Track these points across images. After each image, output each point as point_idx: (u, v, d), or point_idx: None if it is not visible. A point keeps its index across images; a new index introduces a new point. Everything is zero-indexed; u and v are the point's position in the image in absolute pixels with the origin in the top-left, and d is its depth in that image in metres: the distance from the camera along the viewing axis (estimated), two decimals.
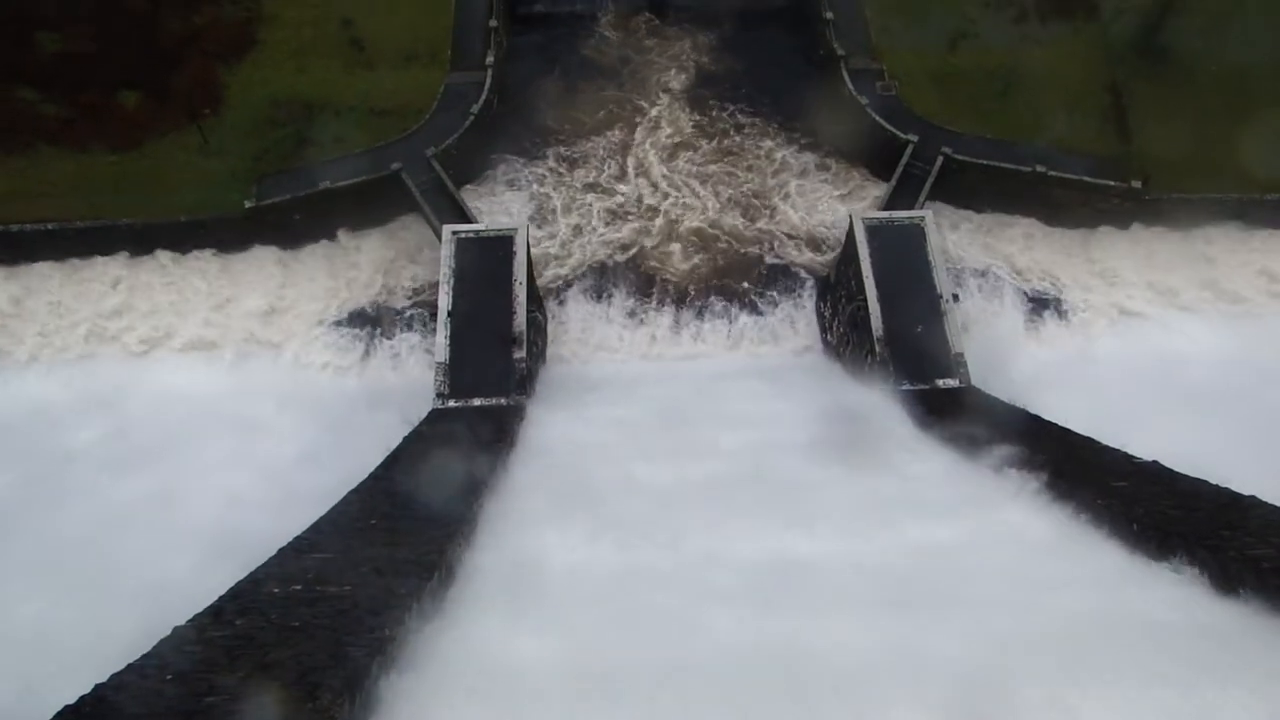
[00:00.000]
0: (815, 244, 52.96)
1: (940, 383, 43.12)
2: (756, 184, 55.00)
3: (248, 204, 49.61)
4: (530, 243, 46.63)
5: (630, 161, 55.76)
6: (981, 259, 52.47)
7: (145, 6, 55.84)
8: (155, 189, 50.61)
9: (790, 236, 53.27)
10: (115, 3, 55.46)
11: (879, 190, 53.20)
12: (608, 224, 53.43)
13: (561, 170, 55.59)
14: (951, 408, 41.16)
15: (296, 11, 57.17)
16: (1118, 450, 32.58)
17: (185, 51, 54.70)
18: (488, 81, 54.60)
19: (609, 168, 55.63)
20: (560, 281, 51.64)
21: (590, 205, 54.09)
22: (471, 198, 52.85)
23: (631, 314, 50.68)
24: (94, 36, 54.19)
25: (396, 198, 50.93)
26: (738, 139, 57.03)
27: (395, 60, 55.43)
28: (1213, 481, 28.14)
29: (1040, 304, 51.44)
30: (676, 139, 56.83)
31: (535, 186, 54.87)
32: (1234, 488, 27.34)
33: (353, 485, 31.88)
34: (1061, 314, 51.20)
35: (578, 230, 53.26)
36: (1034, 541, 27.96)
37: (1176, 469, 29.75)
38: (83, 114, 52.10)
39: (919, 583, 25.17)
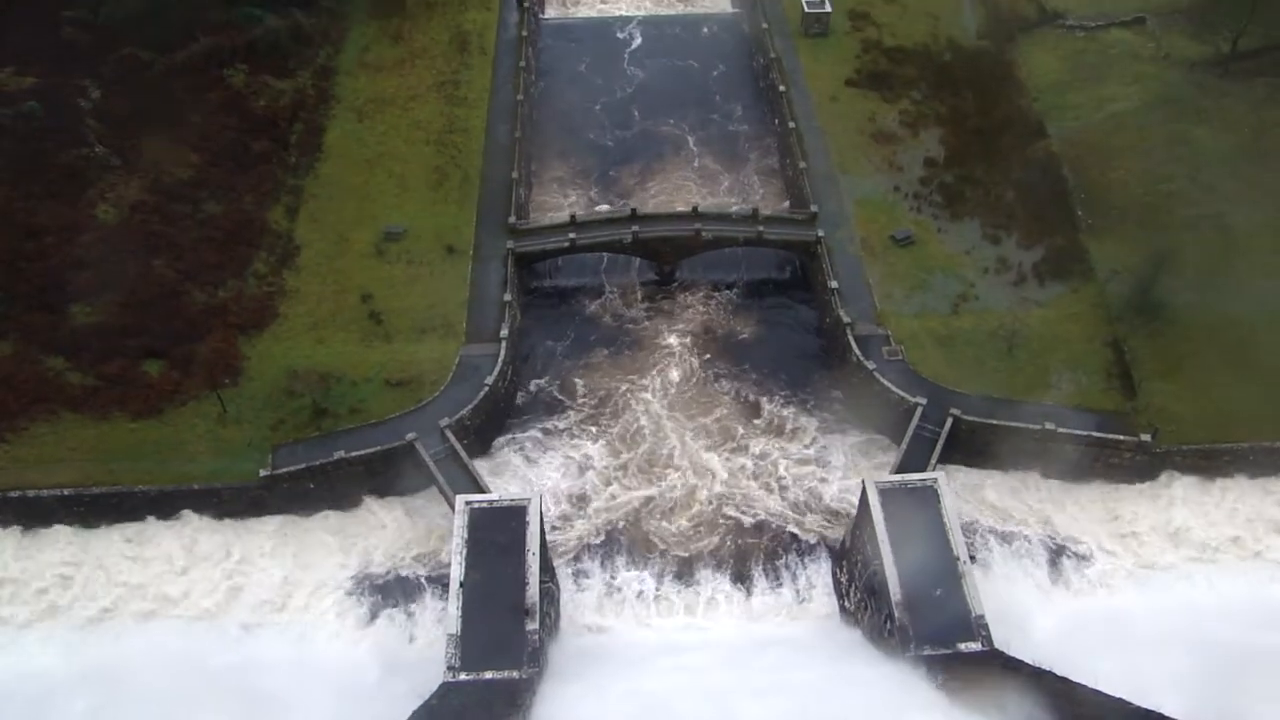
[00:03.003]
0: (829, 509, 52.86)
1: (962, 647, 42.05)
2: (766, 450, 55.48)
3: (263, 473, 50.06)
4: (543, 512, 46.71)
5: (641, 429, 56.50)
6: (997, 517, 52.21)
7: (174, 279, 58.25)
8: (173, 456, 51.28)
9: (803, 502, 53.22)
10: (146, 276, 58.02)
11: (890, 453, 53.45)
12: (620, 493, 53.59)
13: (574, 438, 56.27)
14: (976, 673, 40.16)
15: (318, 286, 59.66)
16: (1153, 712, 31.68)
17: (209, 323, 56.62)
18: (502, 353, 56.13)
19: (620, 435, 56.31)
20: (573, 550, 51.31)
21: (602, 474, 54.44)
22: (485, 467, 53.25)
23: (644, 583, 50.06)
24: (124, 308, 56.45)
25: (411, 467, 51.52)
26: (747, 405, 57.95)
27: (411, 333, 57.22)
28: None
29: (1059, 560, 50.80)
30: (685, 404, 57.82)
31: (549, 455, 55.41)
32: None
33: None
34: (1082, 569, 50.50)
35: (591, 499, 53.41)
36: None
37: None
38: (107, 383, 53.53)
39: None
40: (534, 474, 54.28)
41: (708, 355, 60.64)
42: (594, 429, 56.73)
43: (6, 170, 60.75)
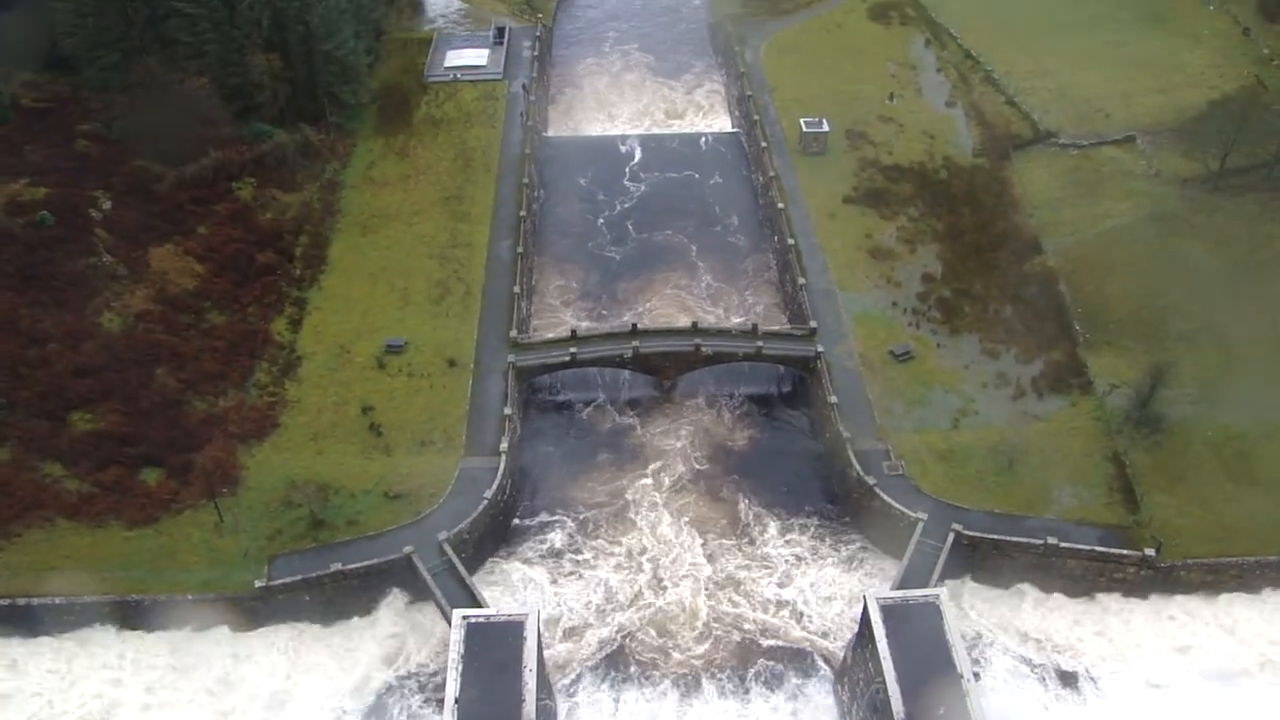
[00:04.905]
0: (829, 625, 52.19)
1: None
2: (766, 563, 55.05)
3: (258, 584, 49.64)
4: (541, 628, 46.14)
5: (640, 543, 56.10)
6: (1000, 633, 51.52)
7: (176, 389, 58.52)
8: (167, 565, 50.93)
9: (803, 617, 52.59)
10: (148, 385, 58.33)
11: (892, 569, 52.90)
12: (620, 606, 53.00)
13: (573, 553, 55.87)
14: None
15: (319, 397, 59.95)
16: None
17: (209, 432, 56.66)
18: (502, 466, 56.11)
19: (619, 550, 55.91)
20: (571, 665, 50.49)
21: (602, 589, 53.91)
22: (483, 581, 52.84)
23: (645, 700, 49.10)
24: (124, 416, 56.57)
25: (408, 581, 51.18)
26: (747, 518, 57.65)
27: (411, 445, 57.31)
28: None
29: (1064, 677, 50.09)
30: (684, 520, 57.46)
31: (548, 569, 54.90)
32: None
33: None
34: (1087, 686, 49.73)
35: (590, 613, 52.77)
36: None
37: None
38: (104, 490, 53.47)
39: None
40: (532, 588, 53.72)
41: (706, 467, 60.68)
42: (593, 540, 56.40)
43: (14, 278, 61.54)
